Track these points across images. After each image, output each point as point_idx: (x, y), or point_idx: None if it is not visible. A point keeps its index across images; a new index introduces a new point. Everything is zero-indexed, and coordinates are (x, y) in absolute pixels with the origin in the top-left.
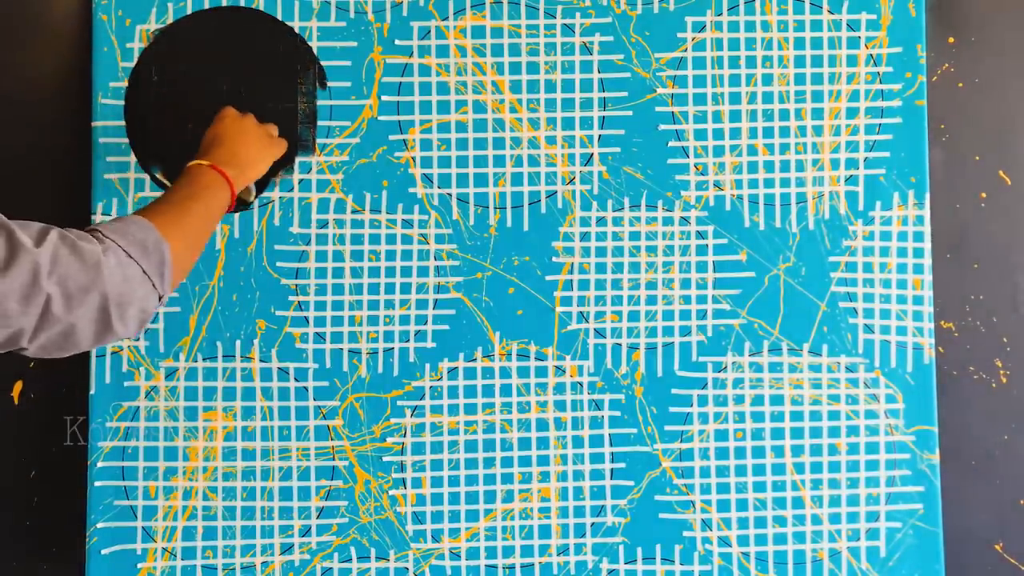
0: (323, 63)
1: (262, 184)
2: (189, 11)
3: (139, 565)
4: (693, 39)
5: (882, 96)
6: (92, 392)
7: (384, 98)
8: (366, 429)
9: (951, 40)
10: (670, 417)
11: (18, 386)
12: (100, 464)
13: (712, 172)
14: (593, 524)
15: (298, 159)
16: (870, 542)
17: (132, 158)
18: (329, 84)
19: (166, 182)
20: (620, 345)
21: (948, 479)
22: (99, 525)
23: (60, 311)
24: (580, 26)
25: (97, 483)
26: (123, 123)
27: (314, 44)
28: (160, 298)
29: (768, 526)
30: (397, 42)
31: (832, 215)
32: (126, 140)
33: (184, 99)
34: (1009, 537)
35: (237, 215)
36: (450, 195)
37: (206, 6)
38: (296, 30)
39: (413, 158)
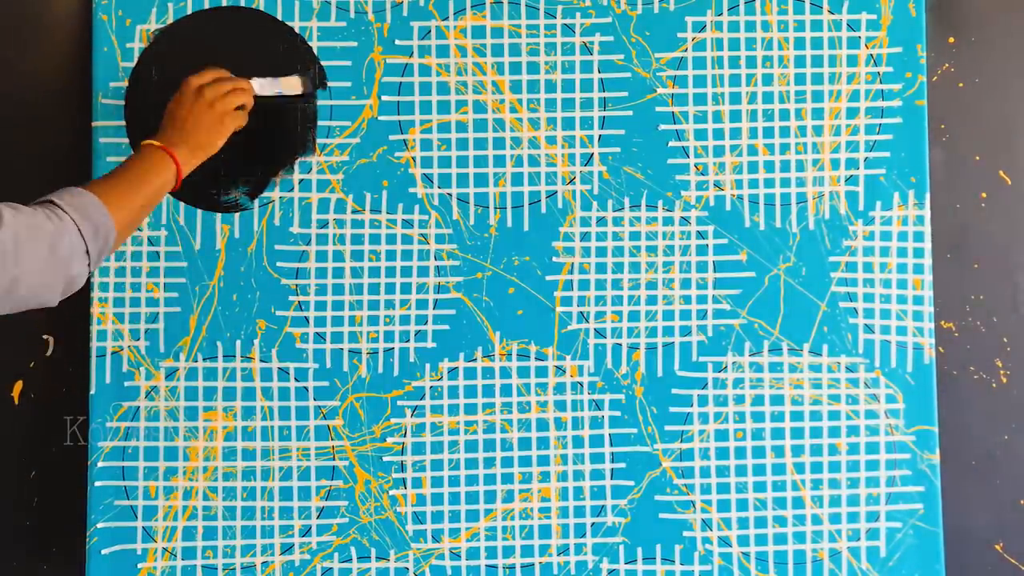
0: (323, 63)
1: (262, 184)
2: (189, 11)
3: (139, 565)
4: (693, 39)
5: (882, 96)
6: (92, 392)
7: (384, 98)
8: (366, 429)
9: (951, 40)
10: (670, 417)
11: (18, 386)
12: (100, 464)
13: (712, 172)
14: (593, 524)
15: (298, 159)
16: (870, 542)
17: None
18: (329, 84)
19: None
20: (620, 345)
21: (948, 479)
22: (99, 525)
23: (23, 290)
24: (580, 26)
25: (97, 483)
26: (123, 123)
27: (314, 44)
28: (89, 275)
29: (768, 526)
30: (397, 42)
31: (832, 215)
32: (126, 140)
33: None
34: (1009, 537)
35: (237, 215)
36: (450, 195)
37: (206, 6)
38: (296, 30)
39: (413, 158)
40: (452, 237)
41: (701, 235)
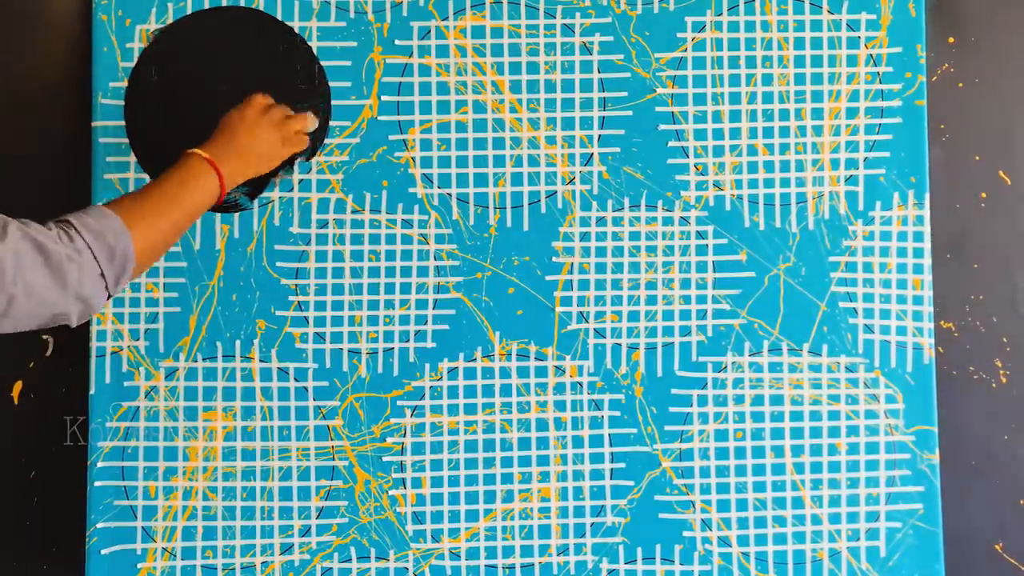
0: (323, 63)
1: (261, 184)
2: (189, 11)
3: (139, 565)
4: (693, 39)
5: (882, 96)
6: (92, 392)
7: (384, 98)
8: (366, 429)
9: (951, 40)
10: (670, 417)
11: (18, 386)
12: (100, 464)
13: (712, 172)
14: (593, 524)
15: (298, 159)
16: (870, 542)
17: (132, 158)
18: (329, 84)
19: None
20: (620, 345)
21: (948, 479)
22: (99, 525)
23: (22, 310)
24: (580, 26)
25: (97, 483)
26: (123, 123)
27: (314, 44)
28: (108, 297)
29: (768, 526)
30: (397, 42)
31: (832, 215)
32: (126, 140)
33: (184, 99)
34: (1009, 537)
35: (237, 215)
36: (450, 195)
37: (206, 6)
38: (296, 30)
39: (413, 158)
40: (452, 237)
41: (701, 235)
